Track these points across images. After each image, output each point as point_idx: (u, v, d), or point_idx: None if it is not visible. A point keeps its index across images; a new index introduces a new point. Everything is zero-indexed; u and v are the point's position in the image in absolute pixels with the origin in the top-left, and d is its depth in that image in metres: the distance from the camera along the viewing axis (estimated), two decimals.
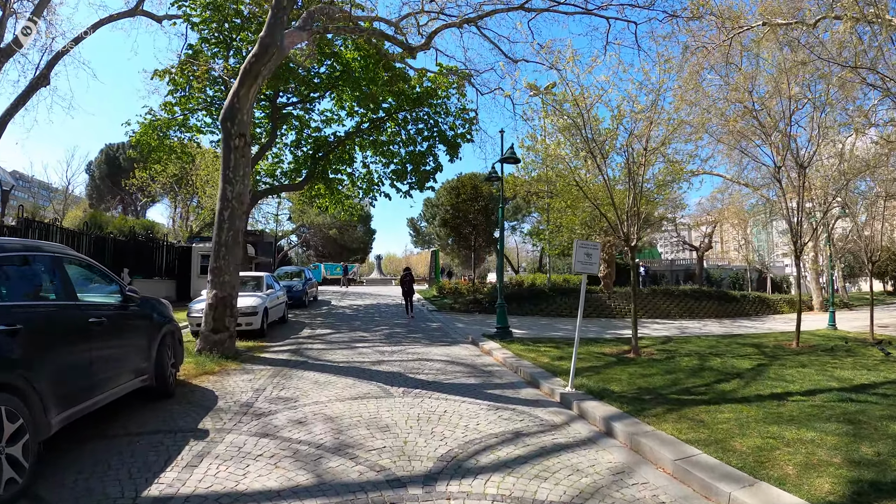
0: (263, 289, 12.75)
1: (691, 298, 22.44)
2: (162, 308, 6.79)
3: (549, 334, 14.02)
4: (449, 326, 15.00)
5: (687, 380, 7.87)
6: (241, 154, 9.56)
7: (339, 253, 55.69)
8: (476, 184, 25.68)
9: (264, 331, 11.87)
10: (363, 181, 23.64)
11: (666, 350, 11.32)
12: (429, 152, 22.42)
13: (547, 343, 11.94)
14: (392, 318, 16.77)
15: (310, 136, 22.35)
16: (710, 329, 16.63)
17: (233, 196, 9.41)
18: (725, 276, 51.40)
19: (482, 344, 11.37)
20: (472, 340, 12.11)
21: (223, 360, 8.77)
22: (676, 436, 4.98)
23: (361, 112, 22.04)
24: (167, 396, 6.42)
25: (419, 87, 21.22)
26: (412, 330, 13.89)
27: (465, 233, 25.44)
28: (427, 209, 51.19)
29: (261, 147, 20.65)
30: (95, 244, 17.89)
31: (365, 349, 10.41)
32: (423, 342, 11.71)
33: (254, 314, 11.36)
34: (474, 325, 15.76)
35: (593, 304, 21.49)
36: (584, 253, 7.16)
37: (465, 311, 19.77)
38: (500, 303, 12.81)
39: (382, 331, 13.38)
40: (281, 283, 19.25)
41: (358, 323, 14.99)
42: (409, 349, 10.60)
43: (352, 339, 11.90)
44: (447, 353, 10.42)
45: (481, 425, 5.53)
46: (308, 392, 6.78)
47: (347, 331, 13.21)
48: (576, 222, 23.66)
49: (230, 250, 9.29)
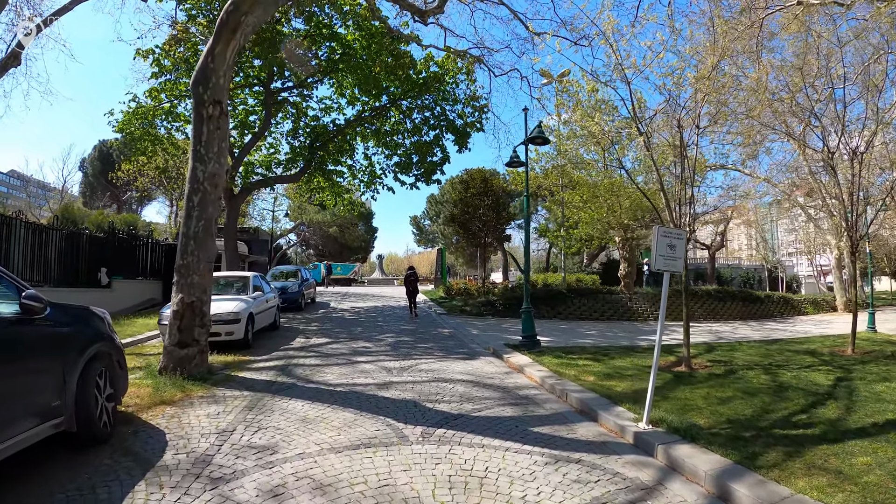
0: (249, 291, 10.91)
1: (715, 299, 21.05)
2: (91, 321, 4.96)
3: (577, 342, 12.36)
4: (462, 333, 13.17)
5: (775, 404, 6.36)
6: (215, 125, 7.73)
7: (339, 252, 53.85)
8: (486, 177, 23.84)
9: (249, 341, 10.04)
10: (365, 173, 21.84)
11: (718, 361, 9.78)
12: (435, 142, 20.61)
13: (581, 354, 10.17)
14: (397, 323, 14.92)
15: (307, 126, 20.55)
16: (744, 333, 15.18)
17: (204, 177, 7.58)
18: (736, 276, 50.08)
19: (508, 357, 9.54)
20: (495, 352, 10.27)
21: (190, 382, 6.93)
22: (824, 500, 3.59)
23: (363, 100, 20.26)
24: (98, 442, 4.60)
25: (425, 73, 19.44)
26: (421, 338, 12.04)
27: (473, 229, 23.58)
28: (431, 206, 49.32)
29: (253, 135, 18.87)
30: (68, 241, 16.04)
31: (368, 365, 8.55)
32: (436, 355, 9.87)
33: (235, 322, 9.52)
34: (490, 330, 13.96)
35: (613, 306, 19.84)
36: (666, 244, 5.32)
37: (476, 315, 17.94)
38: (525, 307, 10.97)
39: (387, 339, 11.54)
40: (273, 285, 17.44)
41: (359, 329, 13.14)
42: (420, 364, 8.75)
43: (352, 350, 10.05)
44: (468, 369, 8.57)
45: (544, 495, 3.71)
46: (292, 435, 4.94)
47: (347, 339, 11.37)
48: (595, 217, 21.91)
49: (201, 244, 7.45)
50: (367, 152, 21.64)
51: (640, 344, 12.33)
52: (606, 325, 17.17)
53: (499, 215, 23.62)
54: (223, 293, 10.90)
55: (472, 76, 20.32)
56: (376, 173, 21.71)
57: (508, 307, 18.56)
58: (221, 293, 10.90)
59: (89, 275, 16.71)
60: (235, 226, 17.94)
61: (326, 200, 21.73)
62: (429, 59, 19.78)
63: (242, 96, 20.11)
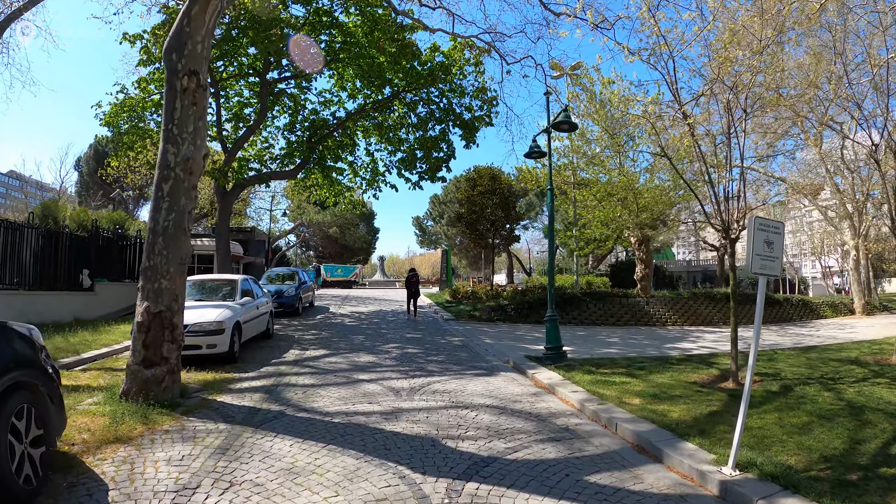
0: (237, 296, 9.65)
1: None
2: (6, 342, 3.70)
3: (601, 351, 11.24)
4: (474, 342, 11.91)
5: (861, 431, 5.34)
6: (190, 100, 6.47)
7: (340, 254, 52.61)
8: (494, 174, 22.57)
9: (235, 354, 8.77)
10: (366, 171, 20.59)
11: (765, 375, 8.64)
12: (441, 137, 19.35)
13: (612, 368, 9.01)
14: (402, 330, 13.65)
15: (305, 119, 19.32)
16: (772, 339, 14.27)
17: (176, 161, 6.32)
18: (744, 279, 49.29)
19: (533, 373, 8.30)
20: (516, 366, 9.03)
21: (156, 409, 5.68)
22: None
23: (366, 93, 19.04)
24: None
25: (430, 64, 18.22)
26: (430, 348, 10.77)
27: (481, 229, 22.33)
28: (434, 207, 48.10)
29: (248, 128, 17.63)
30: (45, 240, 14.81)
31: (371, 385, 7.28)
32: (449, 370, 8.60)
33: (218, 332, 8.26)
34: (505, 339, 12.72)
35: (629, 311, 18.63)
36: (763, 240, 4.05)
37: (486, 321, 16.69)
38: (550, 315, 9.71)
39: (392, 351, 10.26)
40: (268, 288, 16.20)
41: (361, 338, 11.87)
42: (433, 384, 7.48)
43: (353, 365, 8.77)
44: (490, 390, 7.31)
45: None
46: (274, 497, 3.67)
47: (347, 350, 10.10)
48: (608, 216, 20.69)
49: (171, 241, 6.20)
50: (370, 148, 20.37)
51: (670, 354, 11.18)
52: (625, 331, 16.00)
53: (507, 214, 22.35)
54: (207, 299, 9.65)
55: (480, 67, 19.11)
56: (379, 170, 20.47)
57: (520, 312, 17.33)
58: (205, 299, 9.65)
59: (70, 277, 15.49)
60: (228, 224, 16.70)
61: (326, 199, 20.48)
62: (434, 49, 18.58)
63: (238, 87, 18.91)
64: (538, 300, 17.98)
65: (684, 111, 8.92)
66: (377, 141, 20.54)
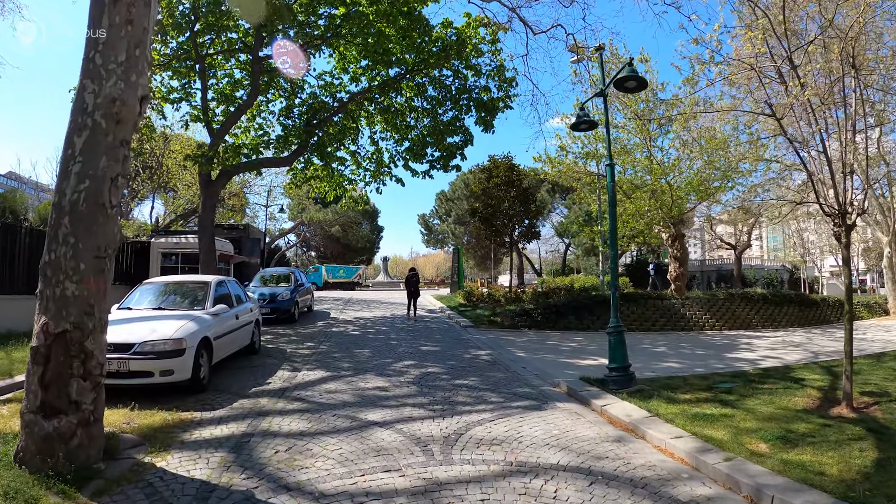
0: (208, 303, 7.48)
1: (771, 304, 18.22)
2: None
3: (661, 365, 9.39)
4: (506, 356, 9.76)
5: None
6: (125, 16, 4.34)
7: (342, 254, 50.44)
8: (512, 164, 20.40)
9: (202, 381, 6.61)
10: (370, 161, 18.43)
11: (872, 394, 6.90)
12: (455, 123, 17.15)
13: (693, 391, 7.16)
14: (416, 341, 11.48)
15: (303, 103, 17.19)
16: (826, 344, 12.77)
17: (97, 103, 4.20)
18: (760, 278, 47.75)
19: (601, 404, 6.20)
20: (571, 392, 6.92)
21: (56, 484, 3.56)
22: None
23: (370, 75, 16.93)
24: None
25: (442, 42, 16.10)
26: (455, 366, 8.60)
27: (497, 225, 20.18)
28: (440, 204, 45.97)
29: (237, 108, 15.51)
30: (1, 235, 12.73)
31: (387, 434, 5.09)
32: (488, 400, 6.44)
33: (175, 354, 6.12)
34: (538, 350, 10.63)
35: (664, 314, 16.60)
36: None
37: (510, 327, 14.56)
38: (615, 326, 7.55)
39: (409, 371, 8.08)
40: (260, 291, 14.08)
41: (367, 353, 9.68)
42: (473, 427, 5.31)
43: (359, 395, 6.58)
44: (554, 433, 5.17)
45: None
46: None
47: (350, 371, 7.92)
48: (639, 209, 18.63)
49: (82, 224, 4.06)
50: (374, 136, 18.22)
51: (739, 367, 9.32)
52: (666, 337, 14.11)
53: (526, 209, 20.19)
54: (169, 307, 7.50)
55: (497, 45, 16.95)
56: (384, 161, 18.30)
57: (547, 318, 15.17)
58: (167, 307, 7.51)
59: (30, 278, 13.36)
60: (212, 218, 14.57)
61: (325, 192, 18.35)
62: (446, 25, 16.45)
63: (227, 67, 16.79)
64: (566, 304, 15.82)
65: (791, 59, 6.78)
66: (382, 129, 18.43)
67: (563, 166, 19.62)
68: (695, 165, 17.98)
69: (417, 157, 17.58)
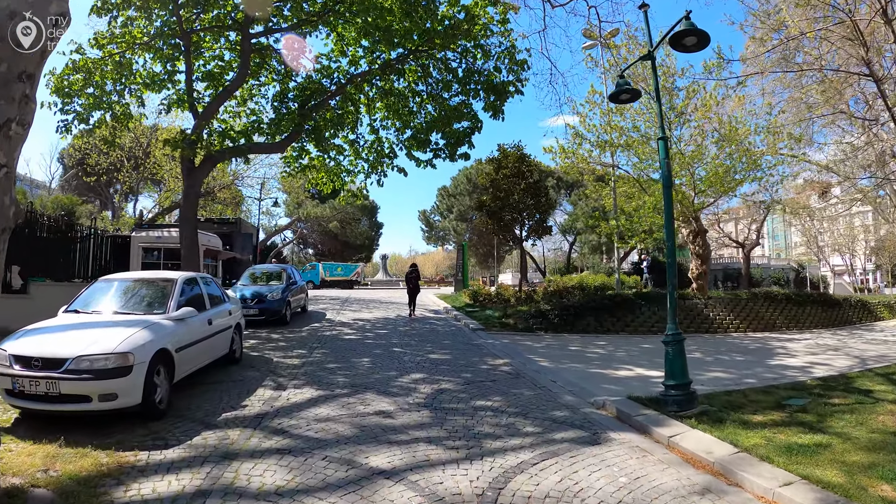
0: (170, 307, 6.03)
1: (794, 304, 17.31)
2: None
3: (704, 375, 8.10)
4: (527, 366, 8.38)
5: None
6: None
7: (340, 251, 48.96)
8: (522, 154, 18.98)
9: (159, 405, 5.21)
10: (370, 151, 16.98)
11: None
12: (462, 108, 15.68)
13: (758, 409, 5.95)
14: (422, 347, 10.07)
15: (299, 87, 15.76)
16: (862, 347, 11.92)
17: None
18: (766, 276, 46.83)
19: (668, 434, 4.90)
20: (622, 416, 5.56)
21: None
22: None
23: (370, 58, 15.54)
24: None
25: (449, 22, 14.70)
26: (473, 381, 7.19)
27: (506, 219, 18.78)
28: (442, 200, 44.53)
29: (225, 88, 14.09)
30: None
31: (397, 490, 3.66)
32: (522, 431, 5.04)
33: (120, 372, 4.73)
34: (562, 357, 9.31)
35: (687, 314, 15.33)
36: None
37: (524, 330, 13.19)
38: (673, 334, 6.16)
39: (418, 388, 6.65)
40: (246, 290, 12.69)
41: (367, 364, 8.26)
42: (516, 477, 3.91)
43: (358, 425, 5.14)
44: (619, 481, 3.82)
45: None
46: None
47: (347, 390, 6.49)
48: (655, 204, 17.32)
49: None
50: (374, 125, 16.76)
51: (791, 376, 8.19)
52: (694, 341, 12.71)
53: (537, 202, 18.78)
54: (125, 310, 6.08)
55: (508, 26, 15.50)
56: (384, 151, 16.85)
57: (564, 319, 13.78)
58: (120, 310, 6.09)
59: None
60: (195, 208, 13.13)
61: (322, 183, 16.94)
62: (453, 2, 15.03)
63: (217, 48, 15.37)
64: (584, 305, 14.44)
65: None
66: (383, 117, 16.99)
67: (574, 157, 18.17)
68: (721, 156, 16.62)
69: (421, 145, 16.16)
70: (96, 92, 13.34)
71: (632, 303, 15.14)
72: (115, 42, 13.41)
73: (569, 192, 41.36)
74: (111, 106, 13.77)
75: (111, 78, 13.50)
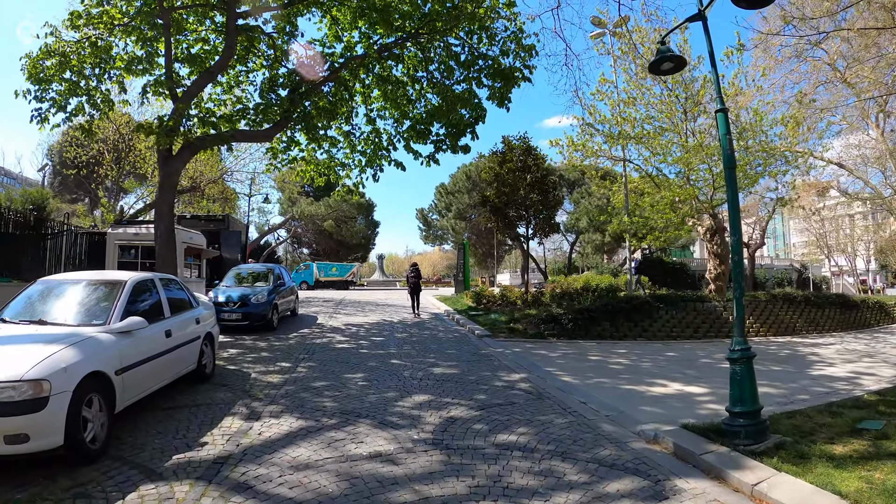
0: (114, 315, 4.81)
1: (813, 306, 16.55)
2: None
3: None
4: (550, 383, 7.20)
5: None
6: None
7: (335, 251, 47.67)
8: (529, 146, 17.80)
9: (89, 446, 3.98)
10: (367, 143, 15.77)
11: None
12: (465, 96, 14.46)
13: (842, 438, 4.80)
14: (425, 358, 8.87)
15: (288, 73, 14.54)
16: (886, 351, 11.36)
17: None
18: (770, 277, 46.14)
19: (749, 480, 3.80)
20: (682, 453, 4.39)
21: None
22: None
23: (367, 42, 14.37)
24: None
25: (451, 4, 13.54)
26: (489, 404, 5.97)
27: (511, 216, 17.61)
28: (440, 198, 43.30)
29: (207, 71, 12.86)
30: None
31: None
32: (562, 476, 3.84)
33: (30, 408, 3.53)
34: (584, 370, 8.14)
35: (705, 318, 14.28)
36: None
37: (535, 336, 12.03)
38: (741, 349, 4.93)
39: (423, 417, 5.42)
40: (229, 293, 11.49)
41: (360, 381, 7.04)
42: None
43: (348, 476, 3.90)
44: None
45: None
46: None
47: (336, 420, 5.25)
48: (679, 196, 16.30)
49: None
50: (371, 115, 15.54)
51: (844, 389, 7.24)
52: (717, 347, 11.80)
53: (544, 198, 17.61)
54: (58, 321, 4.85)
55: (514, 10, 14.35)
56: (381, 144, 15.64)
57: (579, 325, 12.61)
58: (54, 320, 4.87)
59: None
60: (171, 201, 11.88)
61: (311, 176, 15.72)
62: None
63: (202, 31, 14.17)
64: (600, 308, 13.26)
65: None
66: (380, 108, 15.79)
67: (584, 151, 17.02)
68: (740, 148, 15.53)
69: (421, 137, 14.99)
70: (74, 77, 12.20)
71: (650, 306, 14.00)
72: (93, 23, 12.23)
73: (570, 191, 40.25)
74: (90, 92, 12.59)
75: (89, 62, 12.34)
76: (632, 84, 16.43)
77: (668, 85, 15.65)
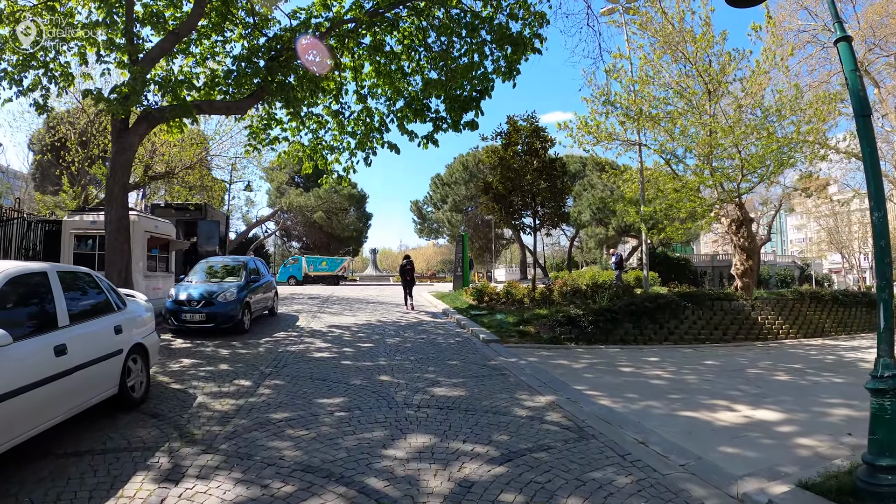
0: None
1: (840, 305, 15.43)
2: None
3: (834, 414, 5.61)
4: (586, 410, 5.55)
5: None
6: None
7: (326, 244, 45.85)
8: (537, 127, 16.11)
9: None
10: (357, 124, 14.03)
11: None
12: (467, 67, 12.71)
13: None
14: (423, 373, 7.20)
15: (269, 41, 12.76)
16: None
17: None
18: (773, 275, 45.19)
19: None
20: None
21: None
22: None
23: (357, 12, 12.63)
24: None
25: None
26: (521, 458, 4.27)
27: (516, 205, 15.95)
28: (436, 190, 41.56)
29: (171, 32, 11.09)
30: None
31: None
32: None
33: None
34: (625, 391, 6.48)
35: (733, 318, 12.99)
36: None
37: (550, 342, 10.40)
38: (892, 375, 3.27)
39: (424, 478, 3.76)
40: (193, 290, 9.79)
41: (336, 410, 5.32)
42: None
43: None
44: None
45: None
46: None
47: (294, 485, 3.56)
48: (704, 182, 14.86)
49: None
50: (362, 91, 13.78)
51: None
52: (754, 353, 10.63)
53: (552, 185, 15.96)
54: None
55: None
56: (373, 125, 13.89)
57: (599, 327, 11.00)
58: None
59: None
60: (125, 181, 10.13)
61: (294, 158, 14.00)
62: None
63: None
64: (624, 309, 11.64)
65: None
66: (372, 85, 14.04)
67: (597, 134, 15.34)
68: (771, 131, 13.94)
69: (417, 115, 13.30)
70: (29, 48, 10.48)
71: (676, 305, 12.44)
72: None
73: (571, 183, 38.67)
74: (47, 65, 10.84)
75: (47, 31, 10.61)
76: (647, 63, 14.89)
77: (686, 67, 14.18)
